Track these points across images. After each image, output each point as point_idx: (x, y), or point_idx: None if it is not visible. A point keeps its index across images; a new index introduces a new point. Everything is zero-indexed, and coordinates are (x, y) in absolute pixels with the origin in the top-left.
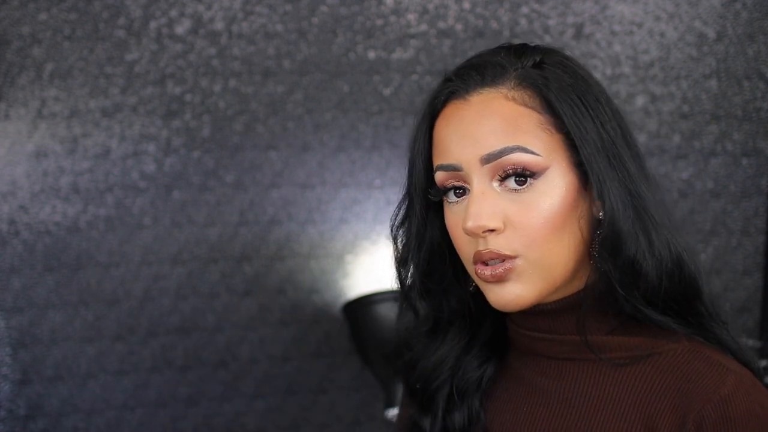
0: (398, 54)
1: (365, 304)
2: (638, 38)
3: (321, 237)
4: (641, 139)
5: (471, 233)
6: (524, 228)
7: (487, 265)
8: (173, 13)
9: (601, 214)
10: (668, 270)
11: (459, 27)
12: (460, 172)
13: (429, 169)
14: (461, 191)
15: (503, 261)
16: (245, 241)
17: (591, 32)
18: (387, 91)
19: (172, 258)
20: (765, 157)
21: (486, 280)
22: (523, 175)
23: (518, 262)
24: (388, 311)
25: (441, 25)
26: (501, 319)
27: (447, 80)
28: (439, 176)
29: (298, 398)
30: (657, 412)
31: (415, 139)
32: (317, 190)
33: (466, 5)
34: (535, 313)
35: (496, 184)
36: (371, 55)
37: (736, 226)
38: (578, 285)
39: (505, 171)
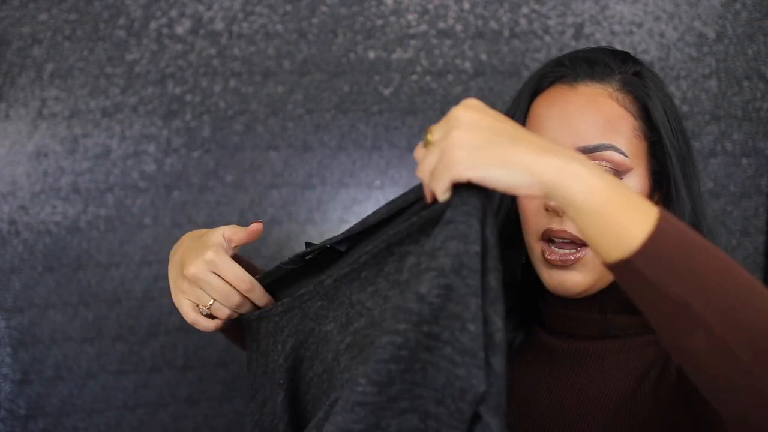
0: (398, 54)
1: None
2: (638, 38)
3: (321, 237)
4: None
5: (553, 209)
6: None
7: (552, 245)
8: (173, 13)
9: None
10: None
11: (459, 27)
12: None
13: None
14: None
15: (576, 250)
16: None
17: (591, 32)
18: (387, 91)
19: None
20: (765, 157)
21: (551, 263)
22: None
23: (588, 252)
24: None
25: (441, 25)
26: (537, 293)
27: (558, 64)
28: None
29: None
30: (652, 363)
31: (511, 111)
32: (317, 190)
33: (466, 5)
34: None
35: None
36: (371, 55)
37: (735, 226)
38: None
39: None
